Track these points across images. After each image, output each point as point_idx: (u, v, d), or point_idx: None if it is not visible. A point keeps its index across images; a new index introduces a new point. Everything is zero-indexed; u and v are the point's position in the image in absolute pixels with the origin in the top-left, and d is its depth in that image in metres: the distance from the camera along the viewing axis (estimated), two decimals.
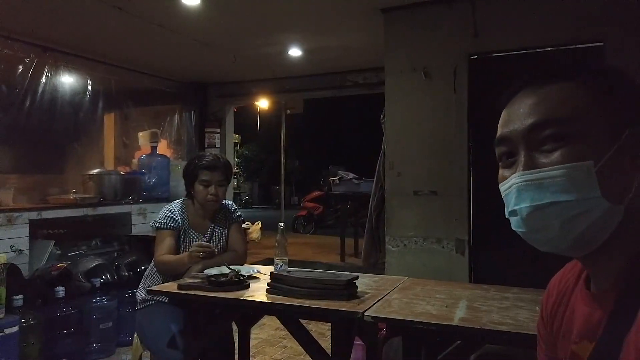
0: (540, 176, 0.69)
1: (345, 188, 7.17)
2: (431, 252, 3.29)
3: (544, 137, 0.70)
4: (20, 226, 3.56)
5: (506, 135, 0.77)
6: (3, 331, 2.78)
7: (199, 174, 2.46)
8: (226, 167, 2.54)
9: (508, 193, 0.75)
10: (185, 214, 2.50)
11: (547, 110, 0.70)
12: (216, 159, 2.51)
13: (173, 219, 2.45)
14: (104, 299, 3.65)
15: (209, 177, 2.46)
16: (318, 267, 5.65)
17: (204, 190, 2.46)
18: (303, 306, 1.89)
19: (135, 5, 3.49)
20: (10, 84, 4.00)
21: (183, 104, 6.06)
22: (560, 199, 0.67)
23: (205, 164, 2.47)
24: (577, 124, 0.68)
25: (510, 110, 0.77)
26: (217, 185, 2.48)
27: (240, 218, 2.69)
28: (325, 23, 3.94)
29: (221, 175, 2.49)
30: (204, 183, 2.46)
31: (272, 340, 3.96)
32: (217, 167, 2.48)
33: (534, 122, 0.71)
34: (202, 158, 2.51)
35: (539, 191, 0.69)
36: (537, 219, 0.70)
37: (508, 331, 1.61)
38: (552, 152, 0.68)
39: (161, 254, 2.40)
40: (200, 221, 2.53)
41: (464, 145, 3.24)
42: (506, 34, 3.15)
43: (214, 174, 2.47)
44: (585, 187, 0.66)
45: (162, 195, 4.87)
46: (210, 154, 2.57)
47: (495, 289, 2.14)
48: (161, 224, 2.44)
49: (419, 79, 3.35)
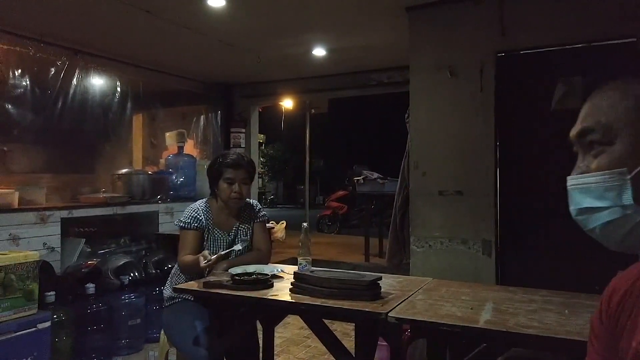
0: (581, 181, 0.72)
1: (370, 188, 7.14)
2: (457, 253, 3.24)
3: (590, 142, 0.73)
4: (52, 224, 3.67)
5: (570, 138, 0.82)
6: (36, 326, 2.85)
7: (223, 172, 2.48)
8: (250, 165, 2.56)
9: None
10: (209, 213, 2.53)
11: (594, 117, 0.73)
12: (240, 157, 2.53)
13: (197, 218, 2.48)
14: (133, 296, 3.73)
15: (233, 175, 2.48)
16: (342, 267, 5.64)
17: (228, 188, 2.48)
18: (327, 306, 1.89)
19: (164, 8, 3.55)
20: (43, 86, 4.13)
21: (209, 104, 6.13)
22: (595, 205, 0.67)
23: (230, 162, 2.49)
24: (619, 131, 0.68)
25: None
26: (241, 183, 2.50)
27: (265, 217, 2.71)
28: (350, 22, 3.92)
29: (245, 173, 2.51)
30: (228, 181, 2.48)
31: (296, 340, 3.97)
32: (241, 165, 2.50)
33: (582, 128, 0.75)
34: (226, 156, 2.53)
35: (581, 195, 0.72)
36: (582, 222, 0.73)
37: (535, 335, 1.57)
38: (596, 157, 0.70)
39: (185, 253, 2.43)
40: (224, 219, 2.56)
41: (490, 144, 3.18)
42: (535, 31, 3.08)
43: (238, 172, 2.49)
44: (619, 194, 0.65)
45: (189, 194, 4.94)
46: (234, 152, 2.59)
47: (522, 291, 2.10)
48: (185, 223, 2.47)
49: (444, 78, 3.31)
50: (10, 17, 3.73)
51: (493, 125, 3.18)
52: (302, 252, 2.31)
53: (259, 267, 2.38)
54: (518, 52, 3.17)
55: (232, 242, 2.53)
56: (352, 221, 11.58)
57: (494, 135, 3.18)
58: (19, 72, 3.93)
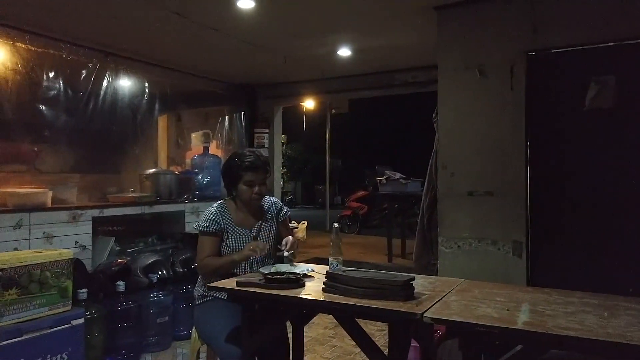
0: None
1: (392, 188, 7.09)
2: (486, 254, 3.21)
3: None
4: (83, 223, 3.75)
5: None
6: (70, 322, 2.91)
7: (242, 175, 2.48)
8: (266, 164, 2.58)
9: None
10: (227, 214, 2.54)
11: None
12: (256, 158, 2.52)
13: (215, 221, 2.49)
14: (161, 294, 3.78)
15: (253, 178, 2.49)
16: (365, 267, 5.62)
17: (249, 190, 2.49)
18: (360, 305, 1.89)
19: (193, 10, 3.60)
20: (74, 88, 4.22)
21: (233, 105, 6.19)
22: None
23: (248, 164, 2.48)
24: None
25: None
26: (260, 184, 2.52)
27: (288, 214, 2.73)
28: (377, 22, 3.92)
29: (263, 173, 2.53)
30: (248, 183, 2.49)
31: (321, 339, 3.98)
32: (259, 167, 2.51)
33: None
34: (242, 158, 2.51)
35: None
36: None
37: (577, 336, 1.55)
38: None
39: (204, 256, 2.45)
40: (245, 217, 2.57)
41: (521, 144, 3.14)
42: (567, 29, 3.04)
43: (257, 174, 2.50)
44: None
45: (214, 194, 5.00)
46: (248, 152, 2.56)
47: (557, 293, 2.07)
48: (204, 227, 2.49)
49: (473, 77, 3.28)
50: (44, 21, 3.83)
51: (524, 125, 3.14)
52: (333, 251, 2.31)
53: (290, 266, 2.39)
54: (549, 50, 3.13)
55: (254, 239, 2.55)
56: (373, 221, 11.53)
57: (524, 134, 3.14)
58: (52, 74, 4.02)
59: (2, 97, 3.76)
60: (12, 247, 3.24)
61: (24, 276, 2.71)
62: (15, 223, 3.30)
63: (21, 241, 3.31)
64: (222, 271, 2.44)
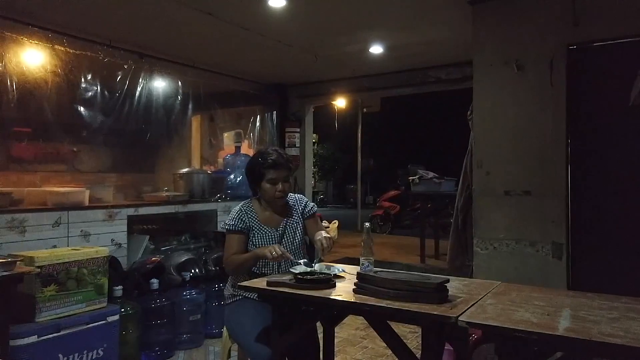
0: None
1: (425, 187, 6.97)
2: (524, 256, 3.10)
3: None
4: (119, 221, 3.82)
5: None
6: (106, 319, 2.98)
7: (264, 173, 2.48)
8: (289, 162, 2.56)
9: None
10: (253, 213, 2.54)
11: None
12: (279, 156, 2.52)
13: (241, 219, 2.50)
14: (193, 292, 3.82)
15: (275, 176, 2.48)
16: (397, 268, 5.56)
17: (272, 188, 2.49)
18: (392, 308, 1.85)
19: (225, 10, 3.63)
20: (111, 89, 4.32)
21: (264, 104, 6.23)
22: None
23: (271, 162, 2.47)
24: None
25: None
26: (283, 182, 2.50)
27: (315, 209, 2.70)
28: (409, 18, 3.86)
29: (286, 171, 2.52)
30: (271, 182, 2.48)
31: (352, 340, 3.94)
32: (281, 164, 2.49)
33: None
34: (265, 157, 2.51)
35: None
36: None
37: (622, 344, 1.47)
38: None
39: (230, 254, 2.46)
40: (270, 216, 2.56)
41: (561, 141, 3.02)
42: (611, 21, 2.90)
43: (280, 172, 2.49)
44: None
45: (246, 193, 4.99)
46: (271, 150, 2.56)
47: (600, 298, 1.97)
48: (230, 226, 2.50)
49: (510, 73, 3.18)
50: (82, 24, 3.94)
51: (564, 122, 3.02)
52: (365, 252, 2.27)
53: (321, 266, 2.36)
54: (591, 44, 3.00)
55: (280, 238, 2.54)
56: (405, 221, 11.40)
57: (565, 132, 3.02)
58: (89, 76, 4.13)
59: (43, 98, 3.87)
60: (51, 244, 3.33)
61: (62, 273, 2.78)
62: (54, 221, 3.39)
63: (60, 239, 3.40)
64: (246, 266, 2.44)
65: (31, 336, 2.59)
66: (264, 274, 2.45)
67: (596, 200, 2.99)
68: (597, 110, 3.01)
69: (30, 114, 3.91)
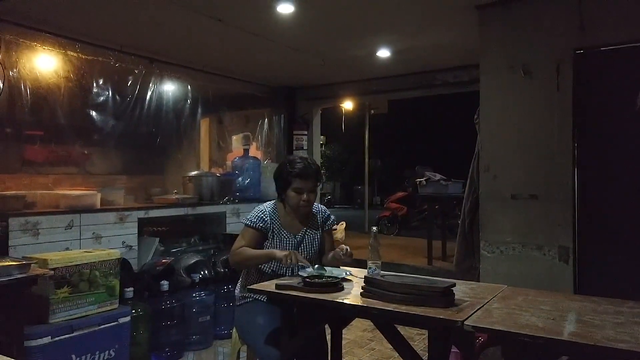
0: None
1: (433, 189, 6.97)
2: (531, 260, 3.11)
3: None
4: (130, 224, 3.88)
5: None
6: (117, 320, 3.02)
7: (291, 181, 2.49)
8: (317, 173, 2.55)
9: None
10: (276, 215, 2.57)
11: None
12: (307, 166, 2.51)
13: (263, 219, 2.52)
14: (203, 294, 3.87)
15: (302, 185, 2.48)
16: (405, 270, 5.57)
17: (297, 196, 2.49)
18: (399, 311, 1.88)
19: (234, 16, 3.67)
20: (122, 93, 4.39)
21: (273, 107, 6.27)
22: None
23: (298, 171, 2.48)
24: None
25: None
26: (309, 192, 2.50)
27: (334, 225, 2.73)
28: (416, 22, 3.88)
29: (313, 182, 2.52)
30: (297, 190, 2.49)
31: (360, 342, 3.97)
32: (309, 176, 2.49)
33: None
34: (294, 164, 2.51)
35: None
36: None
37: (628, 350, 1.49)
38: None
39: (240, 245, 2.47)
40: (292, 222, 2.59)
41: (568, 145, 3.03)
42: (617, 26, 2.90)
43: (307, 182, 2.49)
44: None
45: (254, 195, 5.07)
46: (300, 159, 2.55)
47: (607, 302, 1.99)
48: (251, 222, 2.52)
49: (517, 77, 3.19)
50: (94, 30, 4.00)
51: (571, 126, 3.03)
52: (372, 256, 2.29)
53: (329, 269, 2.40)
54: (598, 48, 3.00)
55: (298, 245, 2.56)
56: (412, 223, 11.38)
57: (571, 136, 3.03)
58: (101, 81, 4.20)
59: (56, 103, 3.95)
60: (63, 247, 3.39)
61: (74, 275, 2.83)
62: (66, 224, 3.45)
63: (72, 241, 3.46)
64: (255, 262, 2.45)
65: (45, 337, 2.64)
66: (275, 273, 2.49)
67: (603, 204, 3.00)
68: (603, 114, 3.01)
69: (43, 117, 3.99)
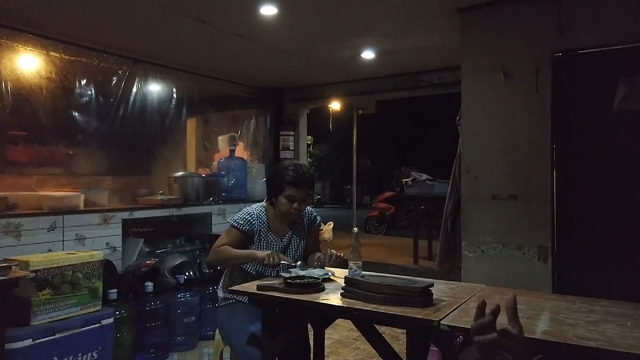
0: None
1: (419, 189, 7.02)
2: (511, 259, 3.16)
3: None
4: (114, 225, 3.86)
5: None
6: (100, 322, 3.01)
7: (285, 188, 2.46)
8: (311, 182, 2.53)
9: None
10: (264, 218, 2.56)
11: None
12: (302, 175, 2.47)
13: (250, 222, 2.51)
14: (188, 295, 3.86)
15: (295, 194, 2.45)
16: (391, 270, 5.62)
17: (288, 204, 2.47)
18: (377, 312, 1.90)
19: (218, 18, 3.68)
20: (106, 94, 4.37)
21: (259, 108, 6.27)
22: None
23: (292, 179, 2.44)
24: None
25: None
26: (301, 201, 2.48)
27: (321, 225, 2.74)
28: (400, 25, 3.91)
29: (306, 192, 2.49)
30: (289, 198, 2.46)
31: (345, 342, 3.99)
32: (303, 185, 2.46)
33: None
34: (287, 171, 2.47)
35: None
36: None
37: (596, 347, 1.53)
38: None
39: (222, 244, 2.45)
40: (279, 226, 2.59)
41: (547, 147, 3.08)
42: (596, 28, 2.96)
43: (300, 191, 2.46)
44: None
45: (240, 196, 5.07)
46: (295, 167, 2.51)
47: (581, 301, 2.03)
48: (237, 223, 2.50)
49: (497, 80, 3.24)
50: (77, 31, 3.98)
51: (549, 128, 3.08)
52: (353, 256, 2.32)
53: (311, 270, 2.41)
54: (576, 51, 3.06)
55: (285, 248, 2.57)
56: (400, 222, 11.44)
57: (550, 137, 3.08)
58: (84, 81, 4.18)
59: (38, 104, 3.92)
60: (46, 248, 3.37)
61: (56, 277, 2.82)
62: (49, 225, 3.43)
63: (55, 243, 3.44)
64: (235, 262, 2.45)
65: (26, 339, 2.62)
66: (260, 274, 2.49)
67: (581, 204, 3.06)
68: (581, 115, 3.07)
69: (25, 118, 3.94)
